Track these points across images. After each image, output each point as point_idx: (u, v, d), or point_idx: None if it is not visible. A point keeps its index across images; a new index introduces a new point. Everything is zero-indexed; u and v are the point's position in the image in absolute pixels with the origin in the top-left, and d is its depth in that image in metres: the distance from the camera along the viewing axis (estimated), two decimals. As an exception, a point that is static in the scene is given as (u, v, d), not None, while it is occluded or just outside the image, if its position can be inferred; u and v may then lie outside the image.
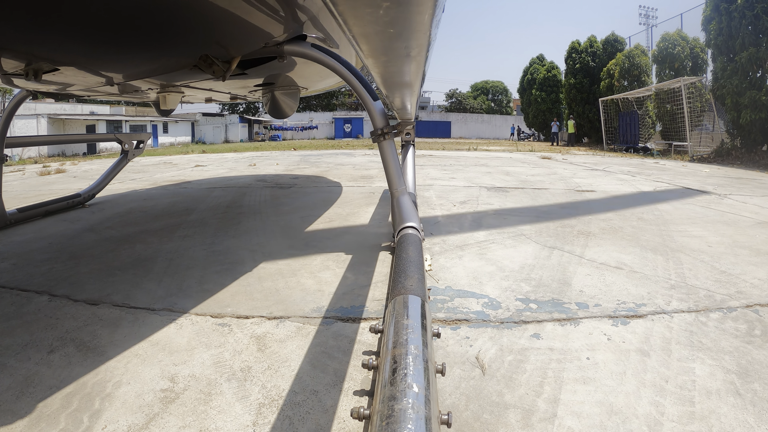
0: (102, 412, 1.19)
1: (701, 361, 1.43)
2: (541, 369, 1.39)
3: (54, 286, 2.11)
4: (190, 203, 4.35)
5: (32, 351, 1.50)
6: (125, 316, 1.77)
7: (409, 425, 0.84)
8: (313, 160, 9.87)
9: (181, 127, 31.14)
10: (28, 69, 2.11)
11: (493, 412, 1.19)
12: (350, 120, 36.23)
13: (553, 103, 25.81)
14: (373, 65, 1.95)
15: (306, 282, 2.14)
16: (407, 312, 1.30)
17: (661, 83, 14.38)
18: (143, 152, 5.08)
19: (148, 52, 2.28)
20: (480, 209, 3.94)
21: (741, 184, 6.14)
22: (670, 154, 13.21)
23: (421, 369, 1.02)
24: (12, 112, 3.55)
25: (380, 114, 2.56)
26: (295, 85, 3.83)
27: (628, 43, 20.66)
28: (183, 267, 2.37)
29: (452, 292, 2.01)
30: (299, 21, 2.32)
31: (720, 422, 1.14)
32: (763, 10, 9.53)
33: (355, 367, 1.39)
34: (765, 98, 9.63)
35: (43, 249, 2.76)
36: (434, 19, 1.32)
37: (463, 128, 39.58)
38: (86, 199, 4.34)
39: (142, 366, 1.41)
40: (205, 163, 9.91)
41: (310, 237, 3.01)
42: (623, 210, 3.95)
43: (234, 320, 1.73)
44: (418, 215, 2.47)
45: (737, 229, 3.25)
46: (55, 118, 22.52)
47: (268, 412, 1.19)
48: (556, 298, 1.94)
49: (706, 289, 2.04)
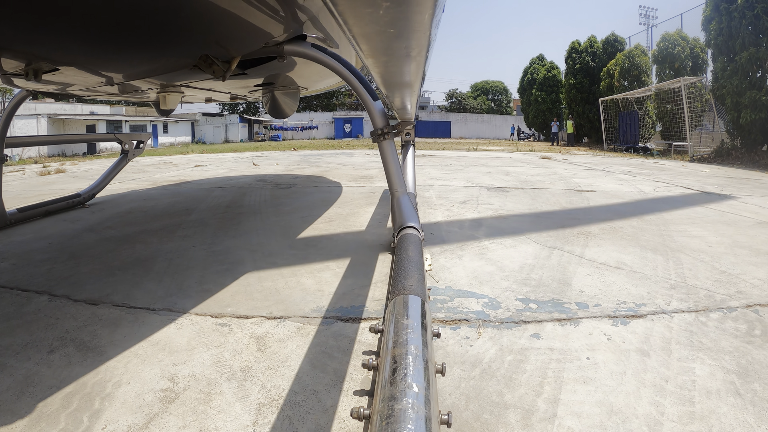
0: (102, 411, 1.19)
1: (701, 361, 1.43)
2: (541, 369, 1.39)
3: (54, 286, 2.11)
4: (190, 203, 4.35)
5: (32, 351, 1.50)
6: (125, 316, 1.77)
7: (409, 425, 0.84)
8: (313, 160, 9.87)
9: (181, 127, 31.14)
10: (28, 69, 2.11)
11: (493, 412, 1.19)
12: (350, 120, 36.22)
13: (553, 103, 25.80)
14: (373, 65, 1.95)
15: (306, 282, 2.14)
16: (407, 312, 1.30)
17: (661, 83, 14.38)
18: (143, 152, 5.08)
19: (148, 52, 2.28)
20: (480, 209, 3.94)
21: (741, 184, 6.14)
22: (670, 154, 13.21)
23: (421, 369, 1.02)
24: (12, 112, 3.55)
25: (380, 114, 2.56)
26: (295, 85, 3.83)
27: (628, 43, 20.66)
28: (183, 267, 2.37)
29: (452, 292, 2.01)
30: (299, 21, 2.32)
31: (720, 422, 1.14)
32: (763, 10, 9.53)
33: (355, 367, 1.39)
34: (765, 98, 9.63)
35: (43, 249, 2.76)
36: (434, 19, 1.32)
37: (463, 128, 39.57)
38: (86, 199, 4.34)
39: (142, 366, 1.41)
40: (205, 163, 9.91)
41: (310, 237, 3.01)
42: (623, 210, 3.95)
43: (234, 320, 1.73)
44: (418, 215, 2.47)
45: (737, 229, 3.25)
46: (55, 118, 22.52)
47: (268, 412, 1.19)
48: (556, 298, 1.94)
49: (706, 289, 2.04)
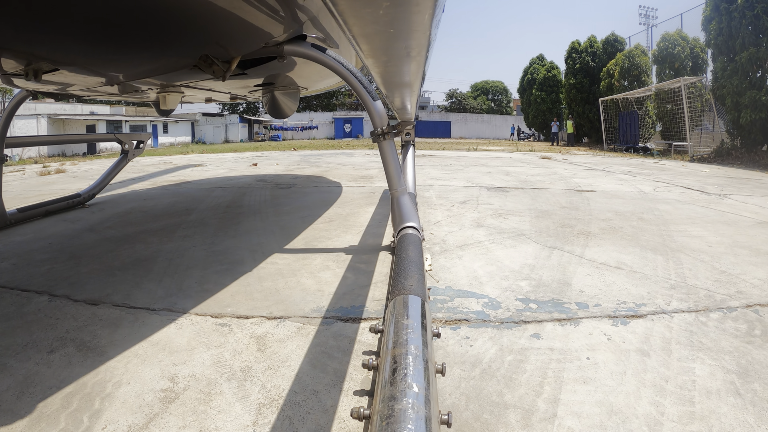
0: (102, 412, 1.19)
1: (701, 361, 1.43)
2: (541, 369, 1.39)
3: (54, 286, 2.11)
4: (190, 203, 4.35)
5: (32, 351, 1.50)
6: (125, 316, 1.77)
7: (409, 425, 0.84)
8: (313, 160, 9.87)
9: (181, 127, 31.14)
10: (28, 69, 2.11)
11: (493, 412, 1.19)
12: (350, 120, 36.21)
13: (553, 103, 25.79)
14: (373, 65, 1.95)
15: (306, 282, 2.14)
16: (407, 312, 1.30)
17: (661, 83, 14.37)
18: (143, 152, 5.07)
19: (148, 52, 2.28)
20: (480, 209, 3.94)
21: (741, 184, 6.14)
22: (670, 154, 13.21)
23: (421, 369, 1.02)
24: (12, 112, 3.55)
25: (380, 114, 2.56)
26: (295, 85, 3.83)
27: (628, 43, 20.65)
28: (183, 267, 2.37)
29: (452, 292, 2.01)
30: (299, 21, 2.32)
31: (720, 422, 1.14)
32: (763, 10, 9.53)
33: (355, 367, 1.39)
34: (765, 98, 9.63)
35: (43, 249, 2.76)
36: (434, 19, 1.32)
37: (463, 128, 39.56)
38: (86, 199, 4.34)
39: (142, 366, 1.41)
40: (205, 163, 9.90)
41: (310, 237, 3.01)
42: (623, 210, 3.95)
43: (234, 320, 1.73)
44: (418, 215, 2.47)
45: (737, 229, 3.25)
46: (55, 118, 22.51)
47: (268, 412, 1.19)
48: (556, 298, 1.94)
49: (706, 289, 2.04)
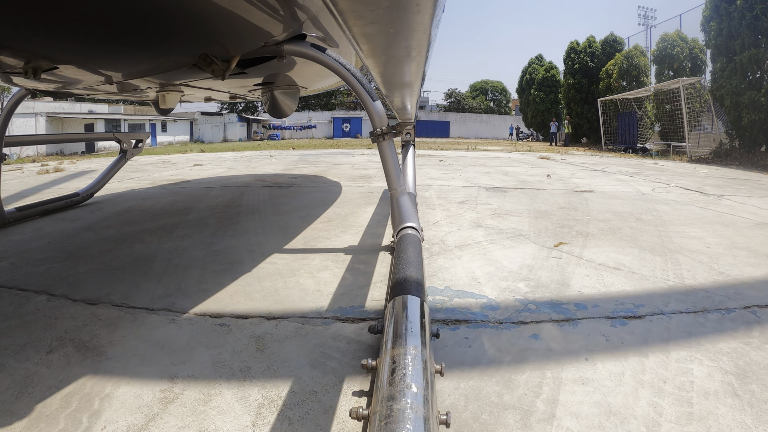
0: (101, 412, 1.19)
1: (699, 362, 1.44)
2: (540, 369, 1.39)
3: (53, 285, 2.11)
4: (188, 202, 4.34)
5: (31, 351, 1.50)
6: (124, 316, 1.77)
7: (407, 425, 0.84)
8: (312, 160, 9.86)
9: (180, 126, 31.09)
10: (27, 67, 2.10)
11: (492, 413, 1.19)
12: (349, 119, 36.22)
13: (552, 104, 25.83)
14: (373, 65, 1.94)
15: (305, 282, 2.14)
16: (406, 312, 1.30)
17: (660, 84, 14.40)
18: (142, 151, 5.06)
19: (147, 51, 2.27)
20: (479, 209, 3.94)
21: (739, 185, 6.15)
22: (668, 154, 13.23)
23: (420, 369, 1.02)
24: (11, 111, 3.54)
25: (379, 114, 2.55)
26: (294, 85, 3.83)
27: (627, 44, 20.68)
28: (182, 267, 2.36)
29: (451, 293, 2.01)
30: (299, 20, 2.32)
31: (718, 423, 1.15)
32: (762, 10, 9.55)
33: (354, 367, 1.39)
34: (764, 99, 9.65)
35: (41, 248, 2.75)
36: (434, 19, 1.32)
37: (462, 128, 39.59)
38: (85, 198, 4.33)
39: (142, 366, 1.41)
40: (204, 162, 9.89)
41: (309, 237, 3.01)
42: (622, 210, 3.95)
43: (233, 320, 1.73)
44: (417, 215, 2.47)
45: (735, 230, 3.26)
46: (53, 116, 22.46)
47: (268, 412, 1.19)
48: (554, 299, 1.94)
49: (704, 290, 2.05)
